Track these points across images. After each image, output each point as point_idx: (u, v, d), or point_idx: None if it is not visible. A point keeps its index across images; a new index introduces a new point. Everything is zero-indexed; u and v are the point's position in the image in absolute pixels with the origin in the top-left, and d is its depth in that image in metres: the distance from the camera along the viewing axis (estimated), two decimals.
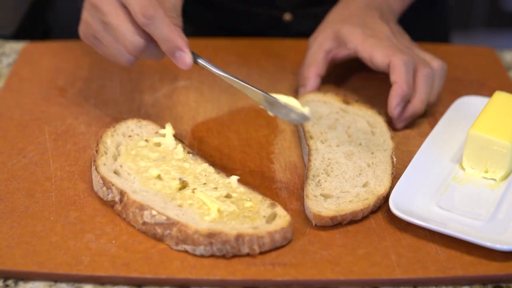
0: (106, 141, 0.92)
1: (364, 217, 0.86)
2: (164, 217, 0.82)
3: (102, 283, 0.80)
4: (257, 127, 1.02)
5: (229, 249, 0.80)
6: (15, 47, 1.20)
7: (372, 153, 0.93)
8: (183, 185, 0.87)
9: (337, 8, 1.10)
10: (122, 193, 0.85)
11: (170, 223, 0.82)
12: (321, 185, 0.88)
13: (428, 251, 0.82)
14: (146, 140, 0.93)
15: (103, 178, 0.87)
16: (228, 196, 0.86)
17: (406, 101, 0.99)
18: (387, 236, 0.84)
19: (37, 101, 1.05)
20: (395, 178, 0.91)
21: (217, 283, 0.79)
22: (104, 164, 0.89)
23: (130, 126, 0.96)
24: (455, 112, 1.01)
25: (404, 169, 0.90)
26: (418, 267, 0.80)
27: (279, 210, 0.84)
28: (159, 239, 0.83)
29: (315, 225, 0.84)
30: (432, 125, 1.00)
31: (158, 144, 0.93)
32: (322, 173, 0.90)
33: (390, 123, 1.00)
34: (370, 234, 0.84)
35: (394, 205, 0.85)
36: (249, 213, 0.84)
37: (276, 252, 0.82)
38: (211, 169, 0.90)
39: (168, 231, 0.82)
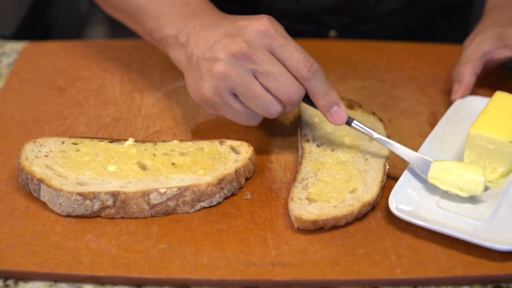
0: (34, 170, 0.87)
1: (364, 218, 0.86)
2: (175, 189, 0.85)
3: (102, 283, 0.80)
4: (257, 127, 1.01)
5: (235, 186, 0.89)
6: (15, 47, 1.20)
7: (366, 159, 0.92)
8: (143, 166, 0.90)
9: (491, 13, 1.09)
10: (114, 194, 0.85)
11: (182, 190, 0.85)
12: (308, 188, 0.88)
13: (428, 251, 0.82)
14: (63, 151, 0.91)
15: (80, 194, 0.84)
16: (182, 154, 0.91)
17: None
18: (387, 236, 0.84)
19: (37, 101, 1.06)
20: (395, 178, 0.91)
21: (217, 283, 0.79)
22: (63, 184, 0.86)
23: (32, 149, 0.91)
24: (455, 112, 1.01)
25: (404, 169, 0.90)
26: (418, 267, 0.80)
27: (231, 142, 0.93)
28: (171, 213, 0.86)
29: (297, 228, 0.84)
30: (432, 125, 1.00)
31: (77, 150, 0.91)
32: (312, 177, 0.89)
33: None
34: (370, 234, 0.84)
35: (394, 205, 0.85)
36: (216, 155, 0.91)
37: (276, 252, 0.82)
38: (146, 145, 0.93)
39: (181, 199, 0.86)
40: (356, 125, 0.91)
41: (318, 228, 0.84)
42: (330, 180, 0.89)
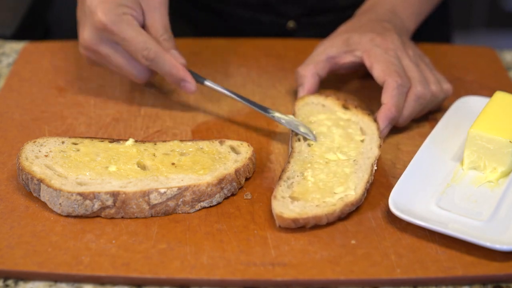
0: (34, 170, 0.87)
1: (364, 218, 0.86)
2: (175, 189, 0.85)
3: (102, 283, 0.80)
4: (257, 127, 1.02)
5: (235, 186, 0.89)
6: (15, 47, 1.20)
7: (355, 160, 0.92)
8: (143, 166, 0.90)
9: (348, 21, 1.10)
10: (114, 194, 0.85)
11: (182, 190, 0.86)
12: (293, 187, 0.88)
13: (428, 251, 0.82)
14: (63, 151, 0.91)
15: (80, 194, 0.84)
16: (182, 154, 0.92)
17: (394, 123, 0.98)
18: (387, 236, 0.84)
19: (37, 101, 1.06)
20: (394, 178, 0.91)
21: (217, 283, 0.79)
22: (63, 184, 0.86)
23: (32, 149, 0.91)
24: (455, 112, 1.01)
25: (404, 169, 0.90)
26: (418, 267, 0.81)
27: (231, 142, 0.94)
28: (171, 213, 0.86)
29: (279, 226, 0.84)
30: (432, 125, 1.00)
31: (77, 150, 0.91)
32: (298, 176, 0.89)
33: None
34: (370, 234, 0.84)
35: (394, 205, 0.85)
36: (216, 155, 0.91)
37: (276, 252, 0.82)
38: (146, 145, 0.93)
39: (181, 199, 0.86)
40: (209, 83, 1.01)
41: (299, 226, 0.84)
42: (316, 180, 0.89)
